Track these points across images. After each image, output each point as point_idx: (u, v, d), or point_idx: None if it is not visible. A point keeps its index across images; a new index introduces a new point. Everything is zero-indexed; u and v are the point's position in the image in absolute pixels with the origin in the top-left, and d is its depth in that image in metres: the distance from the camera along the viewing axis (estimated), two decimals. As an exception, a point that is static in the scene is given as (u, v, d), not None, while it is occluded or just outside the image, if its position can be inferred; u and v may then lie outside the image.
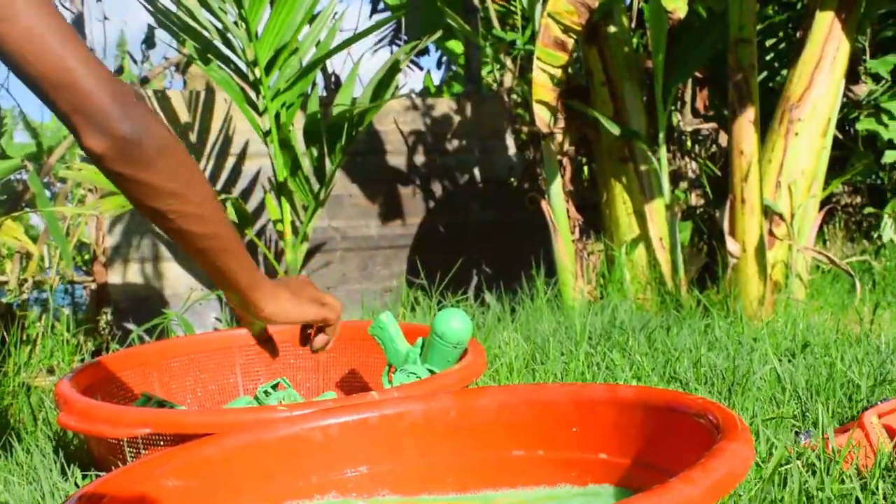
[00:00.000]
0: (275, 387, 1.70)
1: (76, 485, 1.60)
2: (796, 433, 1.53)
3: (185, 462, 1.29)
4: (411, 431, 1.42)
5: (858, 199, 5.28)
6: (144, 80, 3.95)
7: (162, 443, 1.47)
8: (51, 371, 3.07)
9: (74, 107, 1.13)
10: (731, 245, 3.40)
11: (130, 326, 3.36)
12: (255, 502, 1.32)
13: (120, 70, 4.53)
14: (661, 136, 3.48)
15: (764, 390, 1.82)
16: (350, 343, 2.09)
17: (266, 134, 3.08)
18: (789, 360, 2.14)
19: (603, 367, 2.12)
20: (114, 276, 3.51)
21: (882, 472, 1.26)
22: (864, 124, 4.47)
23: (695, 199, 4.76)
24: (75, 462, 1.68)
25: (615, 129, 3.37)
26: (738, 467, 0.97)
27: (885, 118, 4.49)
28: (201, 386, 1.99)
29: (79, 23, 3.70)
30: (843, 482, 1.25)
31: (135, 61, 4.36)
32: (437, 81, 6.36)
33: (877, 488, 1.15)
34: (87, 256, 4.22)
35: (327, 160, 3.15)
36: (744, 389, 1.75)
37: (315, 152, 3.16)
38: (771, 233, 3.47)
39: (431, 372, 1.80)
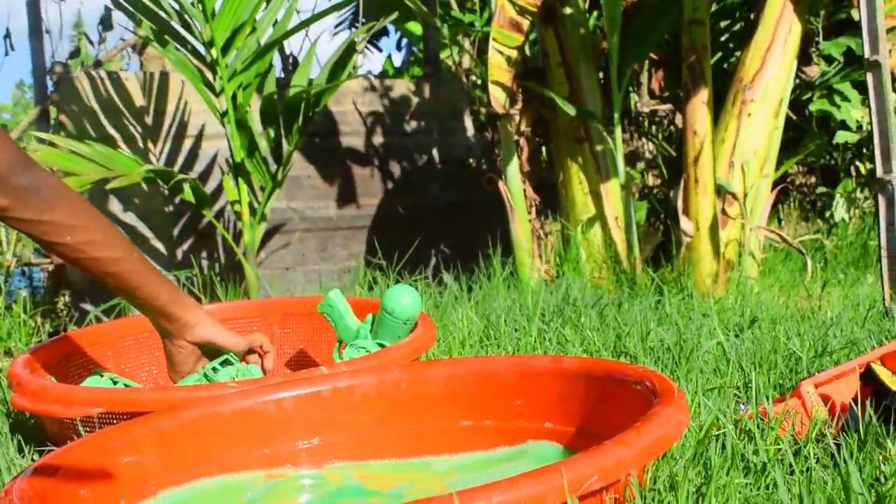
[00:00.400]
0: (223, 363, 1.71)
1: (32, 461, 1.62)
2: (737, 403, 1.58)
3: (139, 435, 1.32)
4: (363, 403, 1.45)
5: (813, 180, 5.36)
6: (98, 63, 3.93)
7: (115, 421, 1.49)
8: (8, 353, 3.07)
9: None
10: (685, 224, 3.45)
11: (88, 307, 3.37)
12: (210, 474, 1.34)
13: (76, 52, 4.51)
14: (617, 116, 3.52)
15: (710, 363, 1.86)
16: (301, 320, 2.12)
17: (223, 115, 3.09)
18: (736, 336, 2.19)
19: (554, 342, 2.16)
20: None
21: (815, 438, 1.31)
22: (818, 105, 4.54)
23: (651, 180, 4.82)
24: (32, 441, 1.70)
25: (571, 110, 3.41)
26: (671, 431, 1.01)
27: (837, 99, 4.56)
28: (156, 363, 2.01)
29: (34, 4, 3.67)
30: (778, 448, 1.30)
31: (91, 43, 4.33)
32: (398, 63, 6.38)
33: (809, 453, 1.20)
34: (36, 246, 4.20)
35: (284, 141, 3.16)
36: (688, 362, 1.79)
37: (272, 133, 3.17)
38: (724, 212, 3.52)
39: (382, 346, 1.82)
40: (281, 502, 1.35)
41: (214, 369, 1.77)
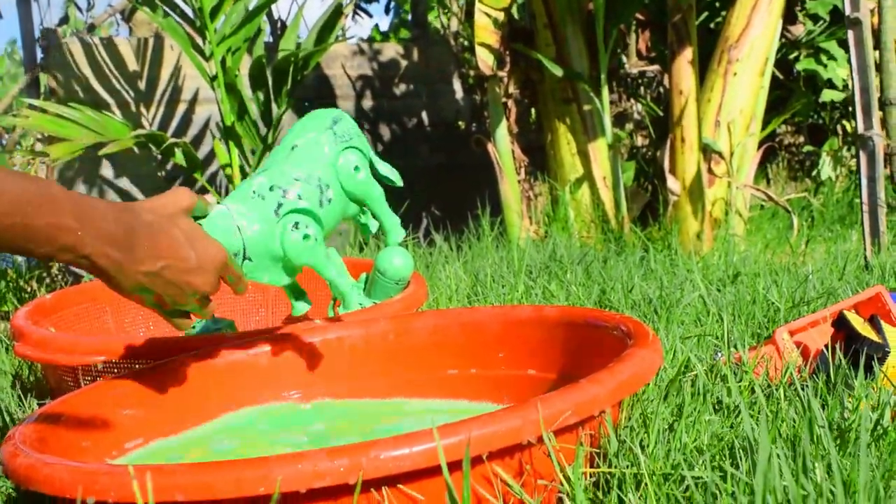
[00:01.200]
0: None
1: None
2: (715, 351, 1.63)
3: (139, 384, 1.36)
4: (351, 354, 1.50)
5: (801, 139, 5.39)
6: (91, 28, 3.95)
7: (116, 371, 1.54)
8: (3, 317, 3.12)
9: None
10: (672, 183, 3.50)
11: (81, 272, 3.41)
12: (207, 420, 1.39)
13: (66, 19, 4.52)
14: (603, 77, 3.55)
15: (690, 315, 1.91)
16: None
17: (213, 79, 3.12)
18: (718, 290, 2.24)
19: (540, 297, 2.20)
20: (65, 223, 3.53)
21: (787, 382, 1.36)
22: (804, 64, 4.57)
23: (640, 141, 4.86)
24: (31, 394, 1.75)
25: (558, 71, 3.44)
26: (644, 370, 1.06)
27: (823, 58, 4.59)
28: (153, 320, 2.05)
29: (22, -30, 3.68)
30: (752, 391, 1.35)
31: (79, 9, 4.34)
32: (385, 28, 6.38)
33: (780, 395, 1.25)
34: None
35: (274, 104, 3.19)
36: (669, 314, 1.84)
37: (261, 97, 3.20)
38: (711, 171, 3.57)
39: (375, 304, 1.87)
40: (292, 426, 1.39)
41: (194, 328, 1.79)
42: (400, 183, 1.52)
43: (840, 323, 1.51)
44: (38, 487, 0.97)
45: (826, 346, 1.46)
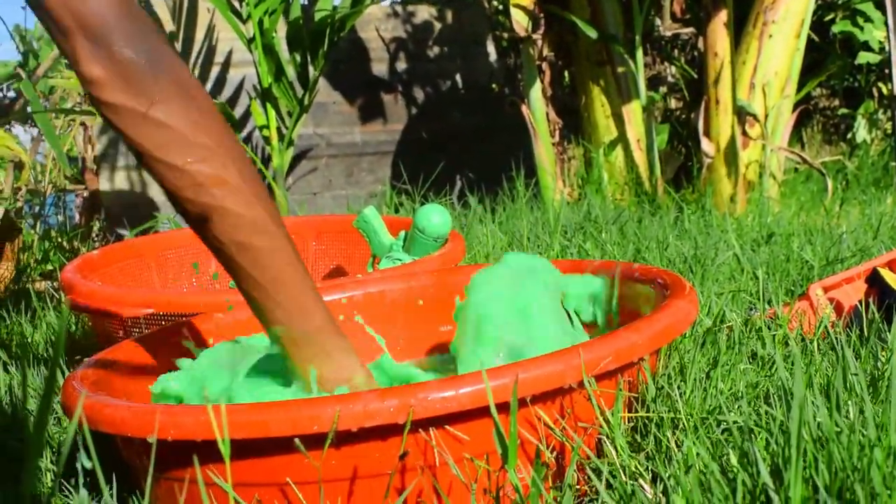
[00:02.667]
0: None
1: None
2: (750, 307, 1.66)
3: (183, 334, 1.41)
4: (393, 307, 1.54)
5: (836, 103, 5.36)
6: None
7: (162, 322, 1.58)
8: (45, 276, 3.18)
9: (77, 20, 0.92)
10: (706, 145, 3.50)
11: (123, 231, 3.47)
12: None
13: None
14: (638, 38, 3.55)
15: (725, 273, 1.94)
16: (337, 237, 2.20)
17: (250, 41, 3.15)
18: (753, 250, 2.26)
19: (576, 256, 2.23)
20: (105, 184, 3.60)
21: (821, 336, 1.38)
22: (840, 26, 4.55)
23: (674, 103, 4.85)
24: (77, 352, 1.80)
25: (592, 33, 3.44)
26: (680, 319, 1.09)
27: (860, 20, 4.56)
28: (196, 276, 2.10)
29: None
30: (786, 345, 1.38)
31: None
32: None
33: (815, 347, 1.27)
34: (75, 170, 4.30)
35: (310, 66, 3.22)
36: (704, 271, 1.87)
37: (298, 58, 3.23)
38: (745, 133, 3.56)
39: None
40: None
41: None
42: None
43: (874, 279, 1.54)
44: (98, 427, 1.02)
45: (860, 302, 1.49)
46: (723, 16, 3.41)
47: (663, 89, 4.77)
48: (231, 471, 0.97)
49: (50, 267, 3.21)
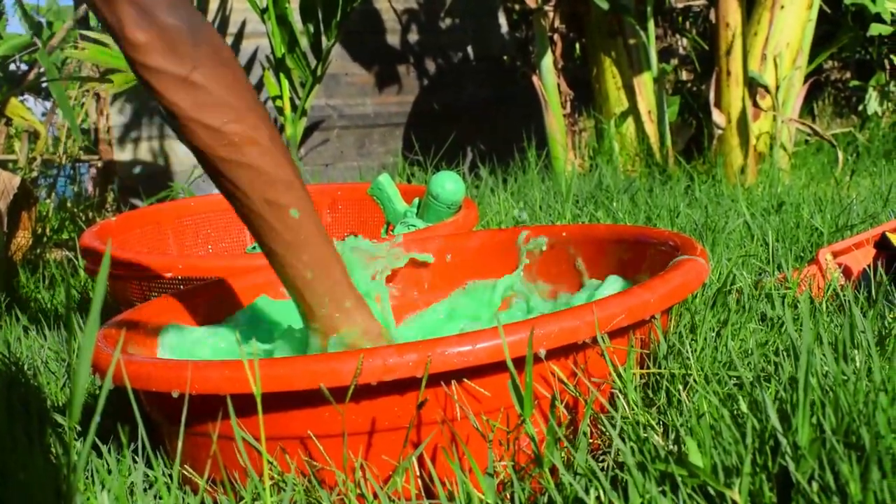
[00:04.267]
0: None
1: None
2: (759, 273, 1.68)
3: (200, 298, 1.43)
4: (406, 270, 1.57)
5: (847, 75, 5.36)
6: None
7: (181, 286, 1.61)
8: (60, 245, 3.21)
9: None
10: (717, 116, 3.51)
11: (137, 202, 3.49)
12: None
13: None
14: (650, 9, 3.56)
15: (735, 240, 1.96)
16: (351, 204, 2.23)
17: (263, 11, 3.16)
18: (763, 217, 2.28)
19: (587, 222, 2.25)
20: (119, 154, 3.62)
21: (830, 299, 1.41)
22: (852, -2, 4.53)
23: (685, 75, 4.85)
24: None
25: (604, 4, 3.45)
26: (692, 278, 1.11)
27: (872, -8, 4.54)
28: (213, 243, 2.13)
29: None
30: (795, 307, 1.40)
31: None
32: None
33: (823, 309, 1.29)
34: (87, 141, 4.33)
35: (323, 36, 3.23)
36: (714, 238, 1.89)
37: (311, 29, 3.25)
38: (756, 104, 3.57)
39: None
40: None
41: (255, 248, 1.86)
42: None
43: (882, 243, 1.56)
44: (123, 382, 1.04)
45: (868, 266, 1.51)
46: (735, -14, 3.41)
47: (674, 61, 4.77)
48: (253, 424, 1.00)
49: (66, 236, 3.24)
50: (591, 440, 1.02)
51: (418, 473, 0.99)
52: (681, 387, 0.96)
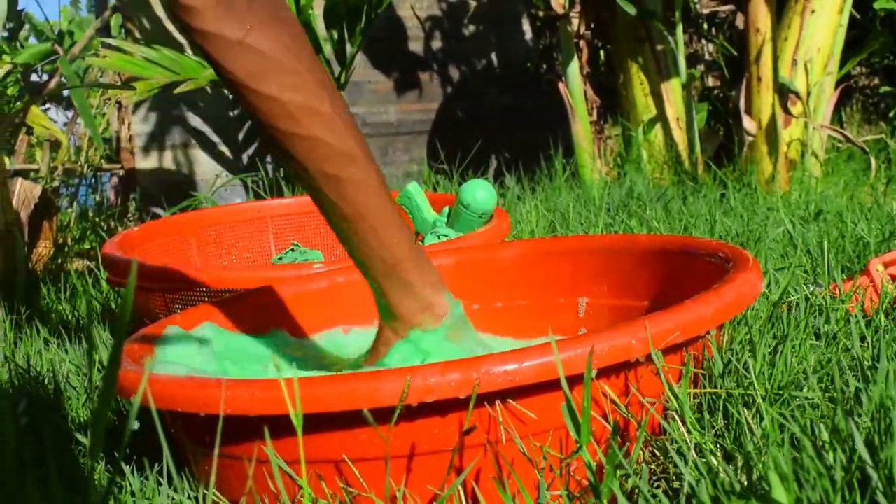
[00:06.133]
0: (290, 251, 1.78)
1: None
2: (806, 284, 1.61)
3: (225, 311, 1.38)
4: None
5: (876, 81, 5.28)
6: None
7: (206, 298, 1.56)
8: (81, 255, 3.17)
9: None
10: (747, 123, 3.44)
11: (159, 211, 3.45)
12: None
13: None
14: (678, 14, 3.50)
15: (776, 250, 1.89)
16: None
17: (287, 18, 3.12)
18: (802, 226, 2.21)
19: (621, 233, 2.19)
20: (141, 163, 3.59)
21: (885, 311, 1.34)
22: (882, 3, 4.46)
23: (711, 82, 4.78)
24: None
25: (631, 9, 3.39)
26: (747, 293, 1.05)
27: (902, -4, 4.47)
28: (237, 253, 2.08)
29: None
30: (847, 321, 1.33)
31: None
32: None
33: (880, 323, 1.23)
34: (109, 150, 4.29)
35: (347, 43, 3.19)
36: (756, 247, 1.83)
37: (335, 35, 3.20)
38: (787, 111, 3.50)
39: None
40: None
41: (280, 258, 1.83)
42: None
43: (937, 254, 1.49)
44: (148, 402, 0.99)
45: (923, 278, 1.44)
46: (765, -9, 3.34)
47: (701, 67, 4.70)
48: (285, 447, 0.94)
49: (87, 246, 3.20)
50: (644, 464, 0.96)
51: (463, 501, 0.93)
52: (745, 410, 0.90)
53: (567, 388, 0.83)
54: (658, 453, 0.94)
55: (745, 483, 0.72)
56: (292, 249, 2.05)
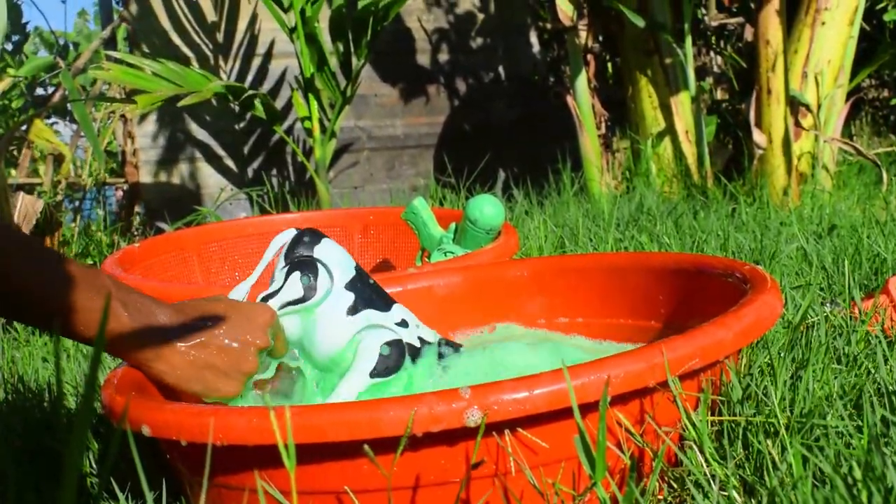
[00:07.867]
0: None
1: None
2: (822, 302, 1.57)
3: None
4: (448, 300, 1.47)
5: (885, 93, 5.24)
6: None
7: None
8: (87, 270, 3.13)
9: None
10: (758, 136, 3.40)
11: (163, 225, 3.42)
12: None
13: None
14: (687, 27, 3.46)
15: (791, 266, 1.85)
16: (384, 229, 2.13)
17: (292, 31, 3.09)
18: (816, 242, 2.17)
19: (631, 249, 2.15)
20: (145, 177, 3.55)
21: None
22: (892, 15, 4.42)
23: (720, 95, 4.74)
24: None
25: (640, 22, 3.35)
26: (766, 315, 1.01)
27: (913, 8, 4.43)
28: (239, 269, 2.04)
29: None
30: (868, 342, 1.29)
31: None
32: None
33: (902, 345, 1.19)
34: (114, 164, 4.26)
35: (353, 56, 3.15)
36: (771, 264, 1.78)
37: (341, 48, 3.17)
38: (797, 124, 3.46)
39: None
40: None
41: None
42: None
43: (959, 272, 1.44)
44: (141, 429, 0.95)
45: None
46: (775, 3, 3.30)
47: (710, 80, 4.66)
48: (282, 477, 0.90)
49: (90, 261, 3.17)
50: (659, 496, 0.92)
51: (470, 536, 0.89)
52: (767, 441, 0.85)
53: (580, 418, 0.79)
54: (675, 485, 0.89)
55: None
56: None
